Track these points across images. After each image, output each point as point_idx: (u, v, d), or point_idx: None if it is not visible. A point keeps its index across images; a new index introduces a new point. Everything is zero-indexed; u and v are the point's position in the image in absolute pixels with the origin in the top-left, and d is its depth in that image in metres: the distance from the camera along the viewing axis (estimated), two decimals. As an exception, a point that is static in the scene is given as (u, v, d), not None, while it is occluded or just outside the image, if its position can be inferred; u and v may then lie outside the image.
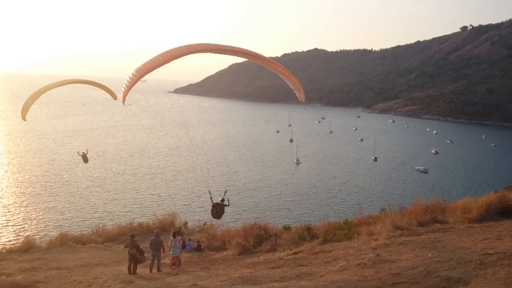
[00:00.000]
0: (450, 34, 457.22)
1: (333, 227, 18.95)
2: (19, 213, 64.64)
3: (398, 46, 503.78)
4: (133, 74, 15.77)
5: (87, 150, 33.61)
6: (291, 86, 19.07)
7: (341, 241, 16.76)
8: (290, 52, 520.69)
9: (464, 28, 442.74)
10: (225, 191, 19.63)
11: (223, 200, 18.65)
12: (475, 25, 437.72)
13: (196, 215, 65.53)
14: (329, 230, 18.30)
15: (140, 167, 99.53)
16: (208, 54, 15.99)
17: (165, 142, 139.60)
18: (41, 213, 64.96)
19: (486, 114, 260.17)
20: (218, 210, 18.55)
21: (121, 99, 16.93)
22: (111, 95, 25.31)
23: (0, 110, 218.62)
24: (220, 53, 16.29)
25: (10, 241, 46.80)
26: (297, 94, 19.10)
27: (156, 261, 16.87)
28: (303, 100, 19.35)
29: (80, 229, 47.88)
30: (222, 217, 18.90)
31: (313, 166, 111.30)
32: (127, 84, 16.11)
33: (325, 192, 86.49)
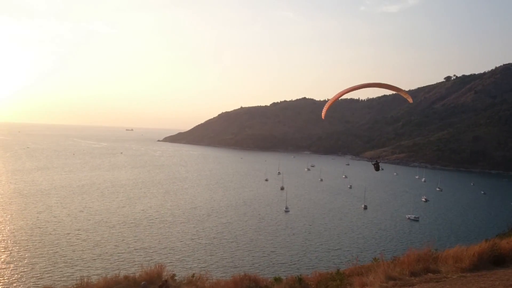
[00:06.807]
0: (434, 84, 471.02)
1: (325, 278, 18.49)
2: (2, 267, 62.57)
3: (384, 96, 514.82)
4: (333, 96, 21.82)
5: None
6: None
7: (333, 292, 16.32)
8: (279, 101, 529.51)
9: (448, 78, 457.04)
10: (378, 157, 35.06)
11: (376, 161, 28.30)
12: (459, 75, 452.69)
13: (184, 266, 64.04)
14: (321, 281, 17.85)
15: (128, 218, 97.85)
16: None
17: (154, 193, 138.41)
18: (24, 266, 62.93)
19: (473, 162, 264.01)
20: (376, 165, 27.80)
21: (322, 115, 24.74)
22: None
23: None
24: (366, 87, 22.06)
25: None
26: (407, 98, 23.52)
27: None
28: (411, 101, 23.95)
29: (65, 283, 46.28)
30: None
31: (303, 215, 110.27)
32: (327, 103, 22.92)
33: (315, 242, 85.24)
